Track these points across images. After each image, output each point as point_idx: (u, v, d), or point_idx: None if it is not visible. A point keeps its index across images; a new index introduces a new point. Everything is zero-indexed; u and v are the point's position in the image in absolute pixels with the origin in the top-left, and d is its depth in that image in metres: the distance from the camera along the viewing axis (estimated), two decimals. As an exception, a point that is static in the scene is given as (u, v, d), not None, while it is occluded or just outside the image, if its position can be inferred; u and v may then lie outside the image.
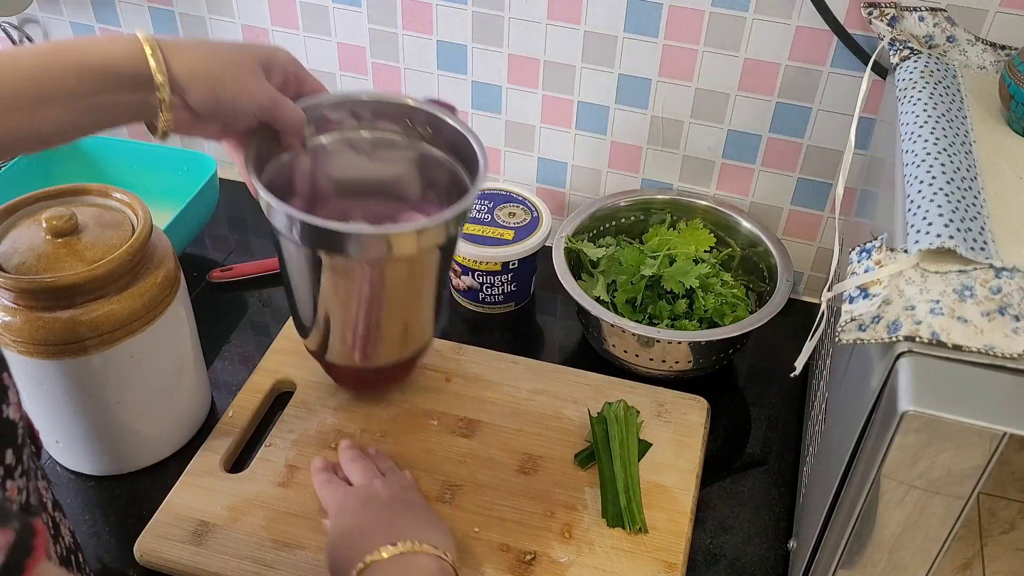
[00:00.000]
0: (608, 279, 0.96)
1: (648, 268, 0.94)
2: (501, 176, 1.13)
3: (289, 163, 0.80)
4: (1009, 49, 0.79)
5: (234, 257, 1.10)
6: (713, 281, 0.95)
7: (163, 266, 0.78)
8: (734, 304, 0.94)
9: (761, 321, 0.88)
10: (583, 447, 0.84)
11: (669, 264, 0.96)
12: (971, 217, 0.58)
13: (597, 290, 0.94)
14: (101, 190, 0.80)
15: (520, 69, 1.02)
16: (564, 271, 0.93)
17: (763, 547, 0.80)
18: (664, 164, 1.04)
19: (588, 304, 0.90)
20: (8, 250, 0.74)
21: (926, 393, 0.50)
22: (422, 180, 0.85)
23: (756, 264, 1.00)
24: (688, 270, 0.93)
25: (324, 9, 1.05)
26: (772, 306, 0.90)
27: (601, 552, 0.76)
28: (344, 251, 0.72)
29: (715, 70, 0.95)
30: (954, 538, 0.55)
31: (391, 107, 0.82)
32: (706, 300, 0.93)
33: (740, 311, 0.93)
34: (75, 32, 1.19)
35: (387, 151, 0.85)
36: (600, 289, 0.95)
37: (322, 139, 0.82)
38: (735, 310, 0.93)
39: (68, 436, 0.81)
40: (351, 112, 0.82)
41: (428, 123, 0.82)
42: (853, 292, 0.57)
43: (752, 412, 0.93)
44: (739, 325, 0.88)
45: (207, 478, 0.81)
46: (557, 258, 0.94)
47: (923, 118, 0.67)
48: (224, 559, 0.75)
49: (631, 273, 0.95)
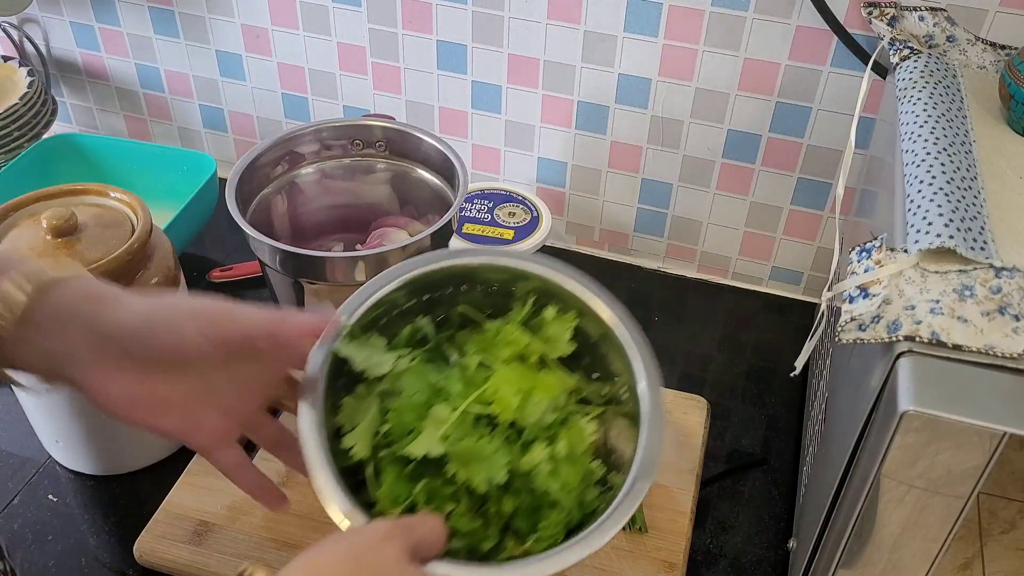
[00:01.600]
0: (376, 424, 0.56)
1: (426, 440, 0.54)
2: (501, 176, 1.13)
3: (270, 197, 0.83)
4: (1009, 49, 0.79)
5: (234, 257, 1.10)
6: (542, 469, 0.55)
7: (163, 266, 0.78)
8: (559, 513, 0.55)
9: (577, 557, 0.52)
10: (583, 447, 0.83)
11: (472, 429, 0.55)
12: (971, 217, 0.58)
13: (354, 437, 0.55)
14: (101, 190, 0.80)
15: (520, 69, 1.02)
16: (317, 386, 0.55)
17: (763, 547, 0.80)
18: (664, 164, 1.04)
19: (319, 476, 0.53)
20: (8, 250, 0.74)
21: (926, 393, 0.50)
22: (399, 198, 0.88)
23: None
24: (496, 450, 0.54)
25: (324, 9, 1.05)
26: (597, 535, 0.52)
27: (601, 551, 0.75)
28: (323, 278, 0.74)
29: (715, 70, 0.95)
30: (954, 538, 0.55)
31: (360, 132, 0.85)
32: (504, 503, 0.55)
33: (556, 528, 0.55)
34: (75, 32, 1.19)
35: (362, 175, 0.87)
36: (361, 437, 0.55)
37: (300, 172, 0.85)
38: (553, 529, 0.55)
39: (68, 436, 0.81)
40: (321, 144, 0.85)
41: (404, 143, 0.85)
42: (853, 292, 0.57)
43: (752, 412, 0.93)
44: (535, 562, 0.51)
45: (207, 478, 0.81)
46: (313, 364, 0.56)
47: (923, 118, 0.67)
48: (224, 559, 0.75)
49: (404, 430, 0.55)
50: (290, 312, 0.61)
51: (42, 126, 1.13)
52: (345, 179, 0.88)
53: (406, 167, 0.87)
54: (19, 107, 1.09)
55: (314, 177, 0.87)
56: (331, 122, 0.86)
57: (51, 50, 1.22)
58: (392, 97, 1.10)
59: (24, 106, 1.10)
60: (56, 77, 1.25)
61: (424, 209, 0.88)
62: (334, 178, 0.87)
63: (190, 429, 0.57)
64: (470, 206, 1.02)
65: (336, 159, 0.87)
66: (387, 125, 0.85)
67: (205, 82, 1.18)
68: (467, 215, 1.01)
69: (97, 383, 0.52)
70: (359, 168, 0.87)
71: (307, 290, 0.77)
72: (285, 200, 0.86)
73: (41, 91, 1.13)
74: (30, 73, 1.13)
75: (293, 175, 0.86)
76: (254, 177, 0.82)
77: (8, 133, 1.09)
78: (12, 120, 1.09)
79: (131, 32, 1.17)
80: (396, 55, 1.06)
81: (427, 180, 0.86)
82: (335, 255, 0.75)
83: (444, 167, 0.83)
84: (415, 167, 0.87)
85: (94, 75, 1.23)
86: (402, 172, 0.87)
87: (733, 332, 1.03)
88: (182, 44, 1.15)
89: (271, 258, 0.75)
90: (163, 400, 0.54)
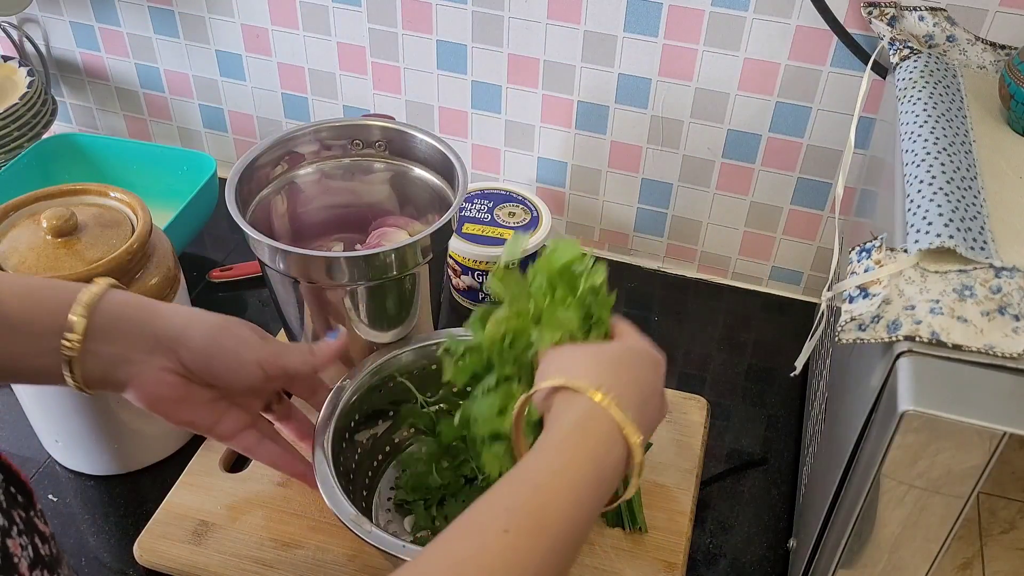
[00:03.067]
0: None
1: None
2: (501, 176, 1.13)
3: (270, 197, 0.83)
4: (1009, 49, 0.79)
5: (234, 257, 1.10)
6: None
7: (163, 266, 0.78)
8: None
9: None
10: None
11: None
12: (971, 217, 0.58)
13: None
14: (100, 190, 0.80)
15: (520, 69, 1.02)
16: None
17: (763, 547, 0.80)
18: (664, 164, 1.04)
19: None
20: (8, 250, 0.74)
21: (926, 393, 0.50)
22: (399, 198, 0.88)
23: None
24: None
25: (324, 9, 1.05)
26: None
27: (600, 552, 0.76)
28: (323, 277, 0.74)
29: (715, 70, 0.95)
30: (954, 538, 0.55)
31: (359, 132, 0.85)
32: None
33: None
34: (75, 32, 1.19)
35: (362, 175, 0.87)
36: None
37: (299, 172, 0.86)
38: None
39: (68, 436, 0.81)
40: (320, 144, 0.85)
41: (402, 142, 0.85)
42: (853, 292, 0.57)
43: (752, 412, 0.93)
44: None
45: (207, 478, 0.81)
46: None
47: (923, 118, 0.67)
48: (224, 559, 0.75)
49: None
50: (325, 346, 0.67)
51: (42, 126, 1.13)
52: (345, 179, 0.88)
53: (406, 167, 0.87)
54: (19, 107, 1.09)
55: (314, 177, 0.87)
56: (331, 122, 0.86)
57: (51, 50, 1.22)
58: (392, 97, 1.10)
59: (24, 106, 1.10)
60: (56, 77, 1.25)
61: (424, 209, 0.88)
62: (334, 178, 0.87)
63: (214, 424, 0.64)
64: (470, 206, 1.02)
65: (336, 159, 0.87)
66: (387, 125, 0.85)
67: (205, 82, 1.18)
68: (467, 215, 1.01)
69: (144, 381, 0.59)
70: (359, 168, 0.87)
71: (307, 290, 0.77)
72: (285, 200, 0.86)
73: (41, 91, 1.13)
74: (30, 73, 1.13)
75: (293, 175, 0.86)
76: (254, 177, 0.81)
77: (8, 133, 1.09)
78: (12, 120, 1.09)
79: (131, 32, 1.17)
80: (396, 55, 1.06)
81: (427, 180, 0.86)
82: (335, 255, 0.75)
83: (444, 167, 0.83)
84: (415, 167, 0.87)
85: (94, 75, 1.23)
86: (402, 172, 0.87)
87: (733, 332, 1.03)
88: (182, 44, 1.15)
89: (271, 258, 0.75)
90: (197, 400, 0.62)
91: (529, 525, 0.47)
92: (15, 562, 0.43)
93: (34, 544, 0.46)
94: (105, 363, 0.58)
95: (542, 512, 0.48)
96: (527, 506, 0.48)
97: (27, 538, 0.45)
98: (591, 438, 0.53)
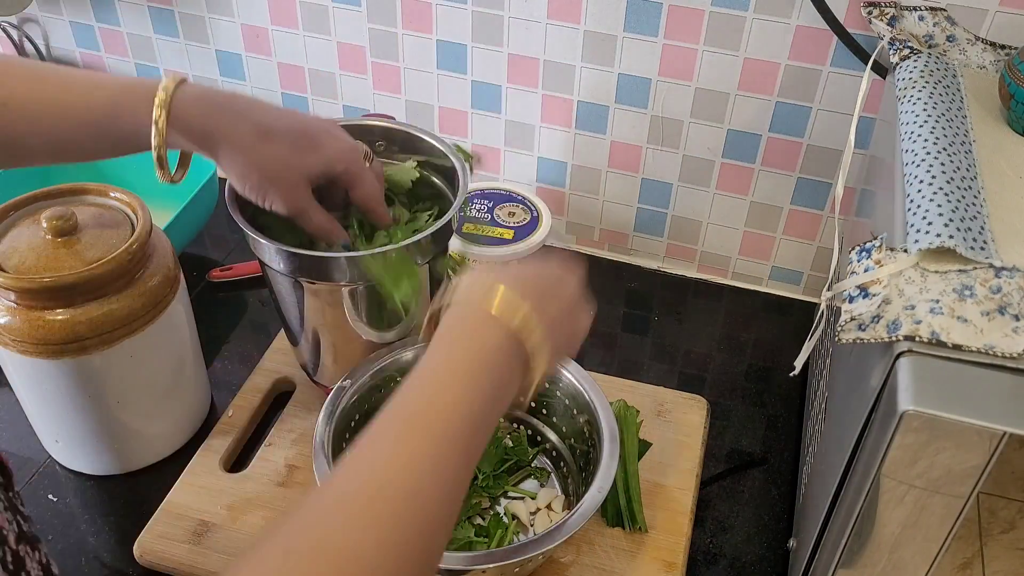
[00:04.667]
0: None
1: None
2: (501, 176, 1.13)
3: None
4: (1009, 49, 0.79)
5: (234, 257, 1.10)
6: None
7: (163, 266, 0.78)
8: None
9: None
10: (583, 447, 0.83)
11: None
12: (971, 216, 0.58)
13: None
14: (100, 190, 0.80)
15: (520, 69, 1.02)
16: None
17: (763, 547, 0.80)
18: (664, 164, 1.04)
19: None
20: (8, 250, 0.74)
21: (926, 392, 0.50)
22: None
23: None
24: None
25: (324, 8, 1.05)
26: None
27: (601, 551, 0.76)
28: (323, 277, 0.74)
29: (715, 70, 0.95)
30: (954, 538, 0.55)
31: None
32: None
33: None
34: (75, 32, 1.19)
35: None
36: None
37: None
38: None
39: (68, 436, 0.81)
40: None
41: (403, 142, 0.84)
42: (853, 292, 0.57)
43: (752, 412, 0.93)
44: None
45: (207, 478, 0.81)
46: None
47: (923, 117, 0.67)
48: (224, 558, 0.75)
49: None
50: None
51: (42, 126, 1.12)
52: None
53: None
54: (19, 107, 1.09)
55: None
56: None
57: (51, 50, 1.22)
58: (392, 97, 1.10)
59: (24, 106, 1.10)
60: (56, 77, 1.25)
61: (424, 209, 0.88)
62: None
63: (289, 199, 0.71)
64: (470, 206, 1.02)
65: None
66: (387, 125, 0.85)
67: (205, 82, 1.18)
68: (467, 215, 1.01)
69: (232, 150, 0.68)
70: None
71: (307, 290, 0.77)
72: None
73: (41, 91, 1.13)
74: (30, 73, 1.13)
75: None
76: None
77: (8, 133, 1.08)
78: (12, 120, 1.09)
79: (131, 32, 1.17)
80: (396, 55, 1.06)
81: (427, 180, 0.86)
82: (335, 255, 0.74)
83: (444, 167, 0.83)
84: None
85: (94, 75, 1.23)
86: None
87: (733, 332, 1.03)
88: (182, 44, 1.15)
89: (271, 258, 0.75)
90: (272, 173, 0.69)
91: (420, 424, 0.48)
92: (4, 534, 0.44)
93: (17, 521, 0.46)
94: (192, 135, 0.68)
95: (430, 410, 0.49)
96: (413, 407, 0.49)
97: (11, 515, 0.46)
98: (468, 325, 0.54)
